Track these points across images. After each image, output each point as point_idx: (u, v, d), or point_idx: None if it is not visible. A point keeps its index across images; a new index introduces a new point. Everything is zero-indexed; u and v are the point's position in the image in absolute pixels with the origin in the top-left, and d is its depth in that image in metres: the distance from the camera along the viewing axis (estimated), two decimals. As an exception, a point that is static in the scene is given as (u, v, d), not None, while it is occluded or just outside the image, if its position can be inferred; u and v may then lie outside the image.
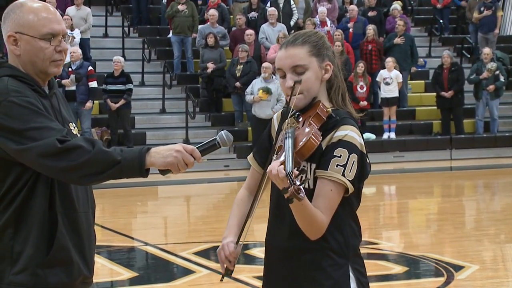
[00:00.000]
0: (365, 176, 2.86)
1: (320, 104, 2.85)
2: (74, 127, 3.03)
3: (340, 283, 2.82)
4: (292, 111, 2.86)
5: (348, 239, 2.86)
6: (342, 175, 2.77)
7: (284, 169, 2.62)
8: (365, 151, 2.86)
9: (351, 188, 2.80)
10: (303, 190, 2.58)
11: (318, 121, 2.81)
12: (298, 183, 2.56)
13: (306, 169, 2.67)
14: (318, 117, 2.81)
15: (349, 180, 2.79)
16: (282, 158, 2.69)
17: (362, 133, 2.89)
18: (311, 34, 2.93)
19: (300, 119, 2.85)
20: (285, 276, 2.87)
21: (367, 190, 12.16)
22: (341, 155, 2.78)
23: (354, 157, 2.79)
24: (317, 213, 2.75)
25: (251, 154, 3.06)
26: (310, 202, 2.76)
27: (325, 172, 2.79)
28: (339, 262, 2.83)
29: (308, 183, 2.83)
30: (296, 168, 2.62)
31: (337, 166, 2.78)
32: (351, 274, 2.84)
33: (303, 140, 2.74)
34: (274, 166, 2.66)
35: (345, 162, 2.78)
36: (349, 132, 2.81)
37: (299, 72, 2.87)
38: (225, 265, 2.91)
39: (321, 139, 2.77)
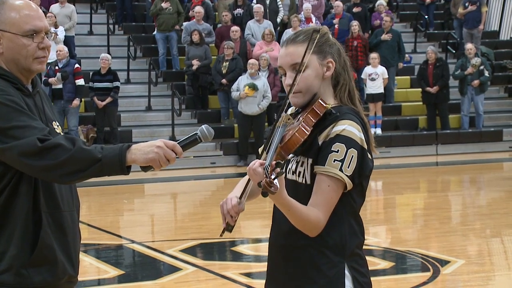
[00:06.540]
0: (366, 172, 2.80)
1: (319, 99, 2.82)
2: (57, 126, 3.02)
3: (334, 281, 2.79)
4: (294, 109, 2.86)
5: (345, 238, 2.81)
6: (339, 170, 2.73)
7: (263, 166, 2.59)
8: (366, 147, 2.80)
9: (349, 184, 2.76)
10: (277, 185, 2.54)
11: (314, 116, 2.78)
12: (272, 177, 2.53)
13: (283, 164, 2.61)
14: (313, 112, 2.78)
15: (347, 176, 2.74)
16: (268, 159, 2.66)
17: (365, 128, 2.83)
18: (313, 31, 2.88)
19: (298, 116, 2.83)
20: (284, 273, 2.87)
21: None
22: (338, 150, 2.74)
23: (352, 151, 2.75)
24: (308, 210, 2.72)
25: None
26: (309, 197, 2.74)
27: (322, 168, 2.75)
28: (334, 261, 2.79)
29: (305, 178, 2.80)
30: (274, 162, 2.59)
31: (334, 161, 2.74)
32: (346, 272, 2.80)
33: (289, 135, 2.72)
34: (253, 163, 2.65)
35: (343, 157, 2.74)
36: (346, 127, 2.77)
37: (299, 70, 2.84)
38: (226, 220, 2.80)
39: (308, 134, 2.73)
